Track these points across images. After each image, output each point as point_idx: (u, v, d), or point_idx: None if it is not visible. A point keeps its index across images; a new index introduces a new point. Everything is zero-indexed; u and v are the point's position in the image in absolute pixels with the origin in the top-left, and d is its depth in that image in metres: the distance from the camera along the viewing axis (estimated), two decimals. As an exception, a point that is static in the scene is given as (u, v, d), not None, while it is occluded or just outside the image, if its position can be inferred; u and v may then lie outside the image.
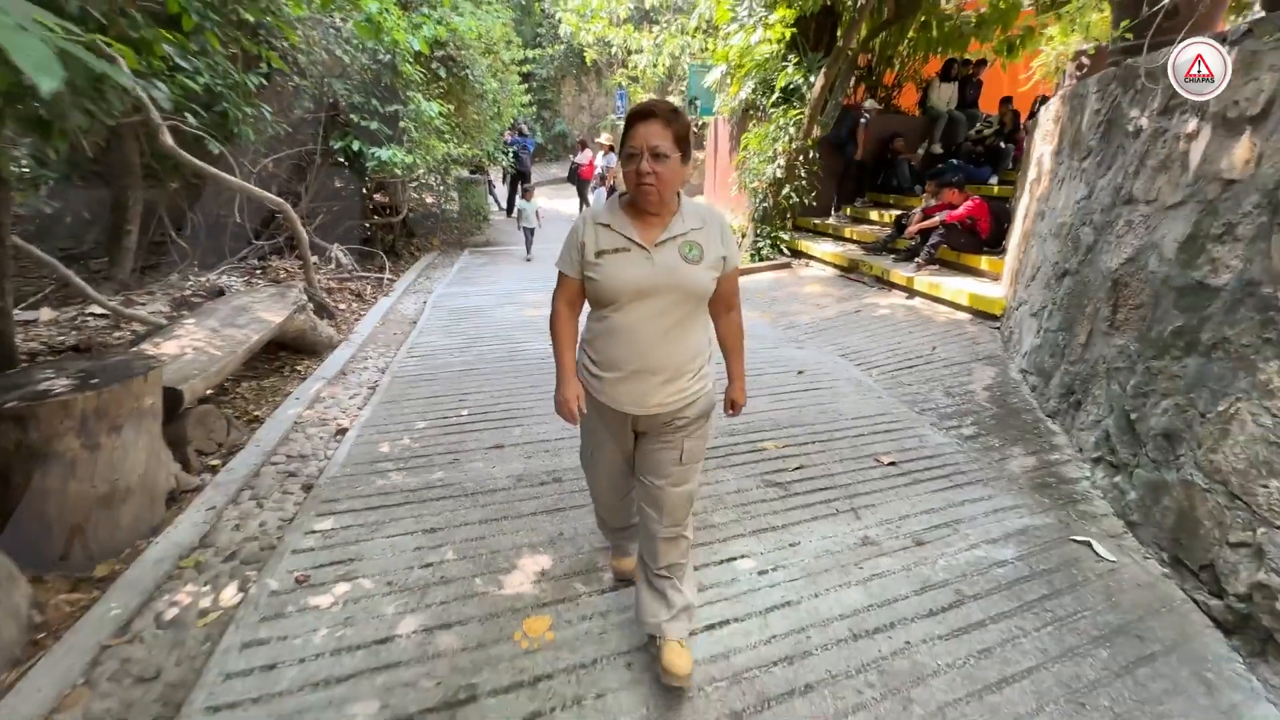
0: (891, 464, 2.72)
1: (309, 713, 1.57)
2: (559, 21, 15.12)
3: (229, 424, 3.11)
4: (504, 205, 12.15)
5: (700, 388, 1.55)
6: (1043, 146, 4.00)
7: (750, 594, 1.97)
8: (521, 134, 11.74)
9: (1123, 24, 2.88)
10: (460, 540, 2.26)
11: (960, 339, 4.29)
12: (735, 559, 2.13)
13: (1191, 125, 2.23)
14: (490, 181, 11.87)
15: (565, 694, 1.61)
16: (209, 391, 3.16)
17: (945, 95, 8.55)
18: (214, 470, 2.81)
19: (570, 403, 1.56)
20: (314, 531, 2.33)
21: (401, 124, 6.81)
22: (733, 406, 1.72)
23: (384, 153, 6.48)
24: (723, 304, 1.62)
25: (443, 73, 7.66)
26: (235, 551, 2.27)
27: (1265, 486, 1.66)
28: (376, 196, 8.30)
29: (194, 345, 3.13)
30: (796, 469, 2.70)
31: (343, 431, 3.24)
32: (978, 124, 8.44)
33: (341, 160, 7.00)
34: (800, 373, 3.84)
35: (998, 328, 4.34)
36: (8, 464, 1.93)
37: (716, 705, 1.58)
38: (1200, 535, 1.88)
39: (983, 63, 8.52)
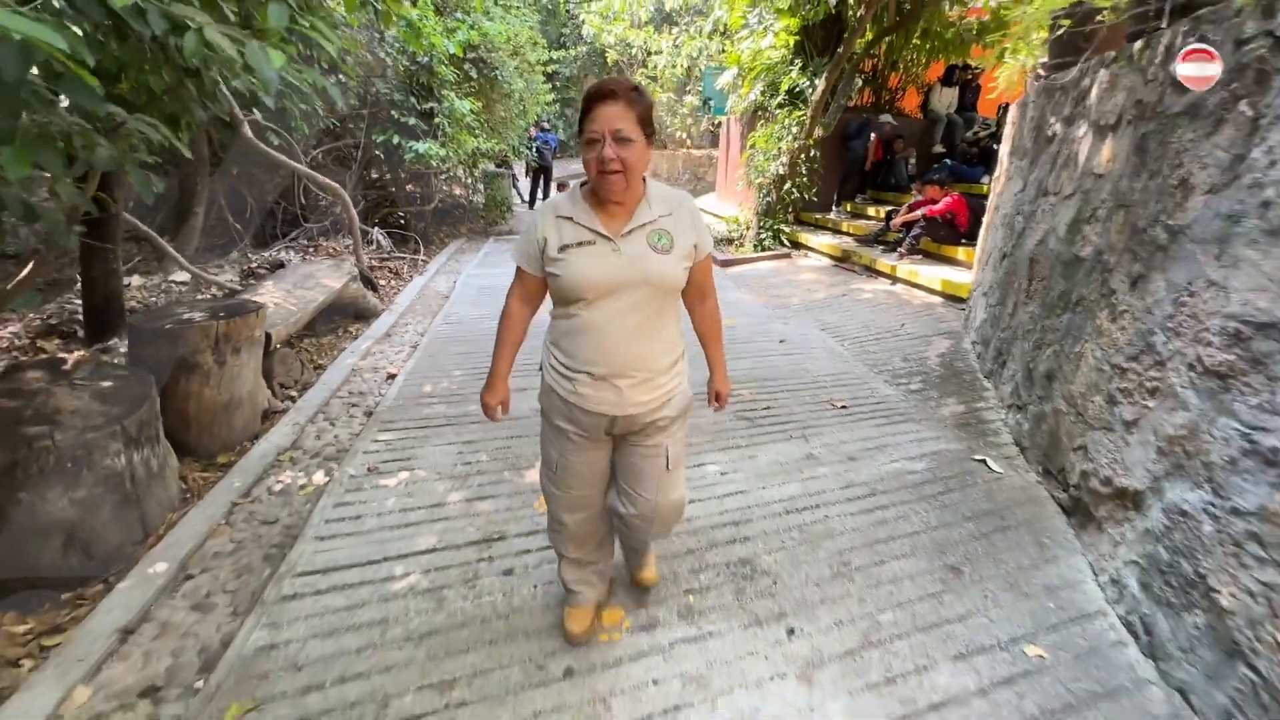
0: (843, 407, 3.30)
1: (388, 542, 2.22)
2: (582, 23, 15.77)
3: (303, 366, 3.79)
4: (526, 198, 12.82)
5: (677, 385, 1.50)
6: (1003, 149, 4.53)
7: (712, 487, 2.57)
8: (544, 130, 12.41)
9: (1044, 45, 3.43)
10: (491, 448, 2.90)
11: (929, 318, 4.84)
12: (704, 465, 2.73)
13: (1081, 131, 2.78)
14: (514, 175, 12.56)
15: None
16: (287, 339, 3.85)
17: (945, 99, 9.01)
18: (293, 399, 3.49)
19: (492, 407, 1.61)
20: (378, 440, 2.99)
21: (436, 120, 7.49)
22: (717, 398, 1.68)
23: (421, 146, 7.17)
24: (696, 293, 1.57)
25: (474, 73, 8.34)
26: (319, 451, 2.93)
27: (1093, 401, 2.22)
28: (409, 187, 9.03)
29: (274, 302, 3.82)
30: (765, 409, 3.29)
31: (392, 376, 3.90)
32: (975, 126, 8.89)
33: (380, 153, 7.72)
34: (782, 341, 4.42)
35: (964, 309, 4.87)
36: (164, 371, 2.60)
37: (678, 544, 2.19)
38: (1060, 448, 2.44)
39: (981, 69, 8.95)
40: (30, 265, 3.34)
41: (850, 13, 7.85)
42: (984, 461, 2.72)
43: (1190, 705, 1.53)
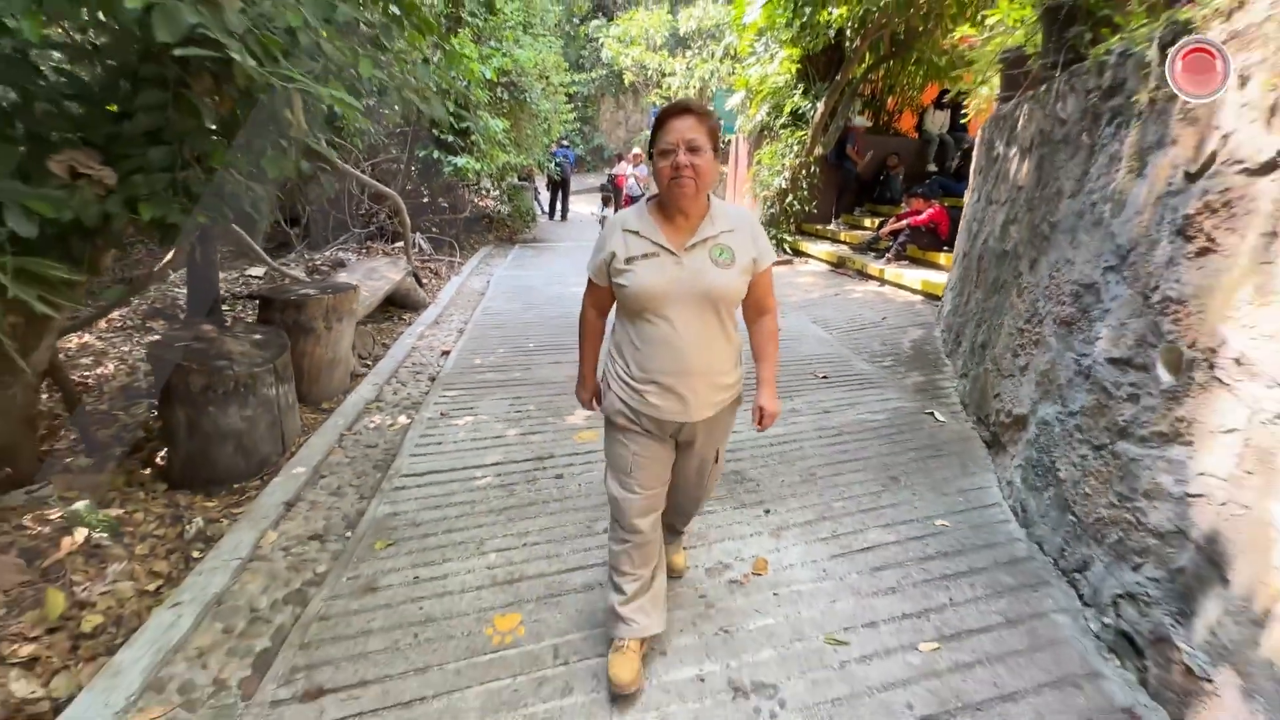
0: (824, 377, 3.98)
1: (465, 457, 2.93)
2: (601, 46, 16.73)
3: (374, 341, 4.55)
4: (545, 209, 13.66)
5: (737, 387, 1.59)
6: (972, 166, 5.23)
7: (714, 428, 3.26)
8: (562, 147, 13.29)
9: (997, 79, 4.14)
10: (536, 402, 3.61)
11: (908, 313, 5.51)
12: (707, 414, 3.42)
13: (1012, 153, 3.48)
14: (535, 188, 13.42)
15: (601, 448, 2.93)
16: (363, 318, 4.61)
17: (938, 120, 9.73)
18: (368, 367, 4.24)
19: (586, 400, 1.74)
20: (444, 396, 3.71)
21: (472, 137, 8.32)
22: (761, 415, 1.65)
23: (459, 160, 8.00)
24: (755, 307, 1.60)
25: (505, 95, 9.20)
26: (398, 403, 3.67)
27: (1005, 358, 2.89)
28: (440, 199, 9.88)
29: (351, 288, 4.58)
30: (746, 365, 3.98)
31: (446, 353, 4.64)
32: (965, 145, 9.59)
33: (414, 167, 8.57)
34: (779, 329, 5.11)
35: (938, 304, 5.54)
36: (289, 333, 3.35)
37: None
38: (987, 398, 3.11)
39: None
40: (163, 261, 4.14)
41: (848, 42, 8.62)
42: (932, 414, 3.40)
43: (1041, 549, 2.19)
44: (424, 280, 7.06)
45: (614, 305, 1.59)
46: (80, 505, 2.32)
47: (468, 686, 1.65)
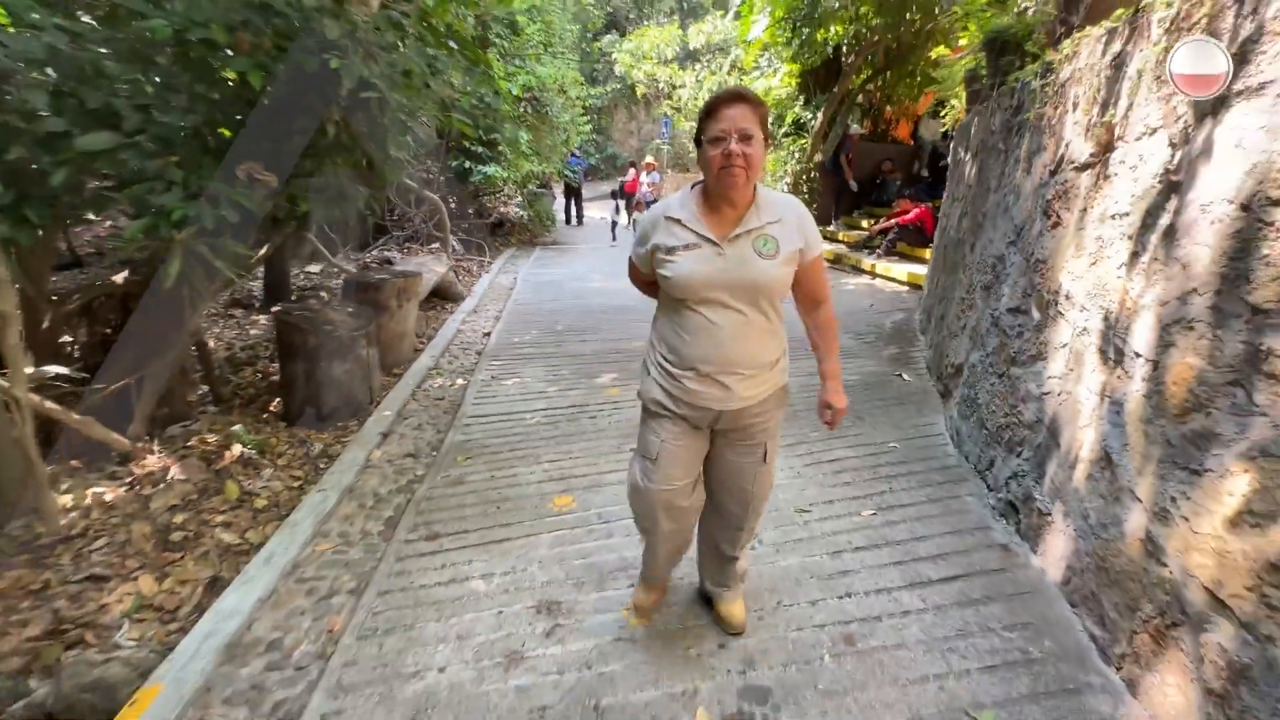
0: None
1: (516, 404, 3.65)
2: (615, 60, 17.58)
3: (426, 322, 5.30)
4: (564, 215, 14.46)
5: (779, 380, 1.54)
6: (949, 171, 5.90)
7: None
8: (575, 156, 14.10)
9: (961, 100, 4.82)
10: (569, 369, 4.33)
11: (893, 300, 6.18)
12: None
13: (967, 157, 4.16)
14: (553, 195, 14.22)
15: (626, 400, 3.64)
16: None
17: (933, 128, 10.36)
18: (424, 344, 4.99)
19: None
20: (491, 364, 4.44)
21: (500, 148, 9.12)
22: (832, 412, 1.63)
23: (488, 169, 8.79)
24: (808, 297, 1.55)
25: (529, 109, 10.00)
26: (454, 370, 4.40)
27: (954, 324, 3.56)
28: (468, 206, 10.69)
29: (406, 278, 5.34)
30: (757, 351, 4.67)
31: (487, 334, 5.38)
32: (958, 151, 10.24)
33: (450, 175, 9.37)
34: (776, 315, 5.80)
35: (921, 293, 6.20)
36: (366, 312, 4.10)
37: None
38: (942, 360, 3.77)
39: (962, 102, 10.32)
40: (259, 254, 4.91)
41: (844, 57, 9.33)
42: (900, 375, 4.07)
43: (967, 459, 2.85)
44: (459, 277, 7.83)
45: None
46: (237, 428, 3.08)
47: (539, 534, 2.36)
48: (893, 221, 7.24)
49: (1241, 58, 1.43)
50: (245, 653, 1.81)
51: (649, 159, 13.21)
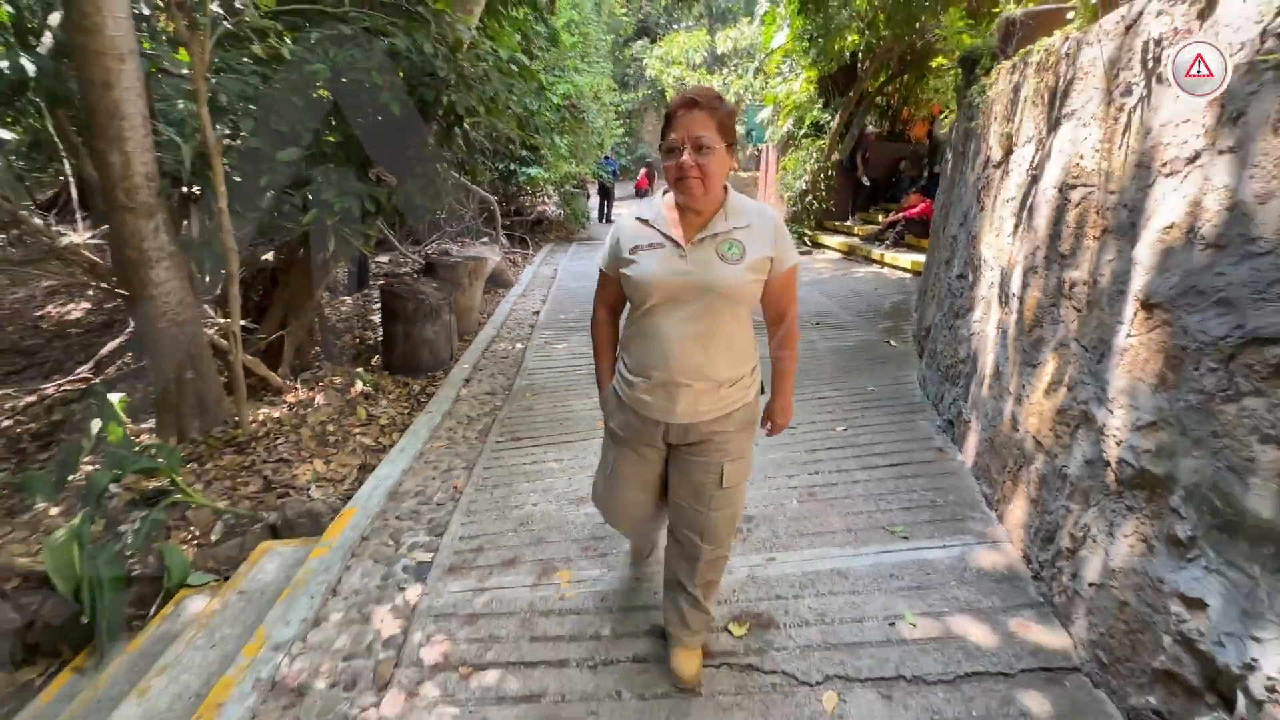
0: (817, 324, 5.41)
1: (566, 363, 4.51)
2: (645, 66, 18.42)
3: (485, 303, 6.22)
4: (598, 214, 15.37)
5: (741, 397, 1.46)
6: (946, 166, 6.56)
7: (732, 349, 4.77)
8: (607, 158, 14.99)
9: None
10: (609, 336, 5.18)
11: (896, 285, 6.87)
12: (728, 343, 4.94)
13: (950, 157, 4.86)
14: (587, 194, 15.14)
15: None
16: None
17: (948, 128, 10.95)
18: (485, 319, 5.90)
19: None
20: (543, 334, 5.33)
21: (542, 151, 10.05)
22: (770, 424, 1.63)
23: (531, 170, 9.72)
24: (773, 311, 1.50)
25: (568, 115, 10.91)
26: (512, 338, 5.30)
27: (929, 292, 4.29)
28: (511, 204, 11.67)
29: (469, 265, 6.28)
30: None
31: (536, 312, 6.27)
32: (971, 150, 10.76)
33: (496, 177, 10.34)
34: (789, 298, 6.56)
35: (923, 280, 6.86)
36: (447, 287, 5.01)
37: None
38: (921, 325, 4.49)
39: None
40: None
41: (860, 63, 9.98)
42: (888, 341, 4.80)
43: (928, 397, 3.59)
44: (507, 267, 8.78)
45: (625, 304, 1.55)
46: (359, 371, 4.02)
47: (592, 439, 3.20)
48: (900, 215, 7.90)
49: (1063, 94, 2.18)
50: (401, 497, 2.70)
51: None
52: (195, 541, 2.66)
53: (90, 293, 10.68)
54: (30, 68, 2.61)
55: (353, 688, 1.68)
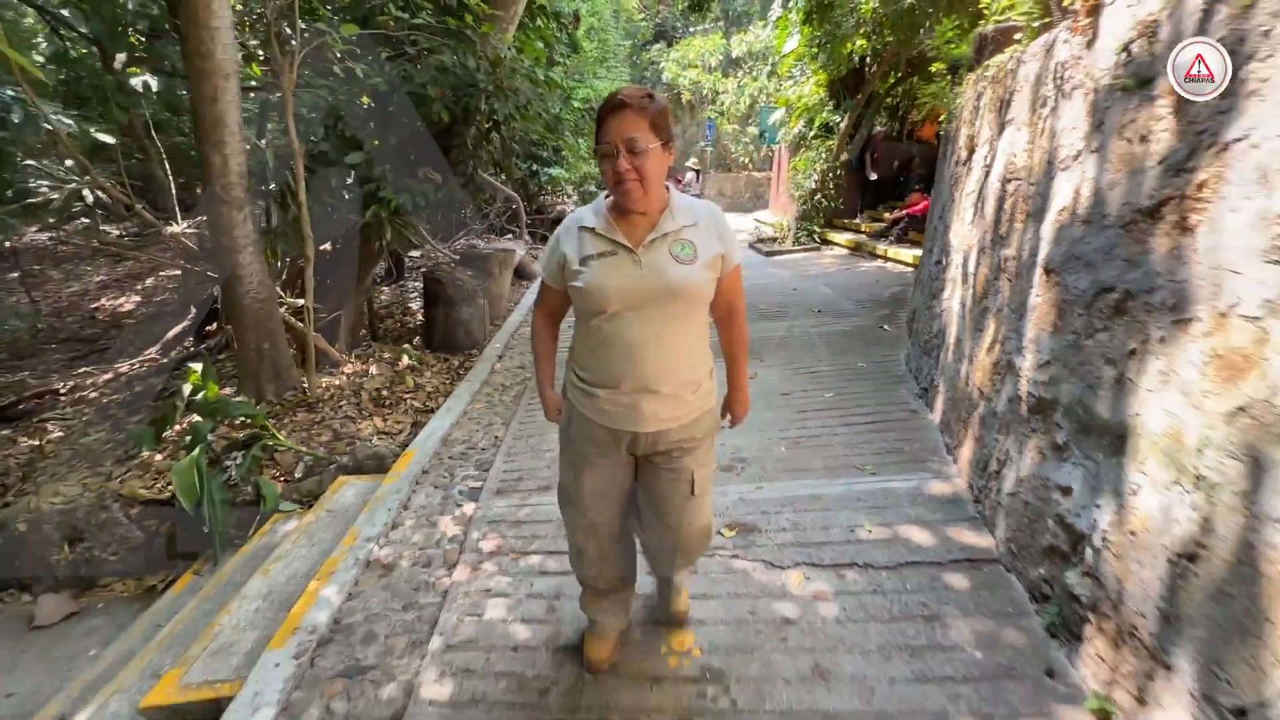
0: (819, 312, 5.84)
1: (588, 342, 5.01)
2: (662, 69, 18.90)
3: (512, 293, 6.76)
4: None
5: (704, 404, 1.47)
6: (945, 166, 6.95)
7: (738, 333, 5.23)
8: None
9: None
10: (626, 321, 5.67)
11: (898, 278, 7.26)
12: (735, 327, 5.40)
13: (936, 155, 5.26)
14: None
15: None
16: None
17: (955, 128, 11.27)
18: (513, 305, 6.43)
19: (553, 413, 1.59)
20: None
21: (563, 153, 10.58)
22: (731, 416, 1.66)
23: (554, 170, 10.25)
24: (724, 309, 1.51)
25: (586, 119, 11.43)
26: (538, 323, 5.81)
27: (919, 281, 4.70)
28: (531, 204, 12.22)
29: (497, 257, 6.81)
30: (776, 312, 5.88)
31: (559, 302, 6.78)
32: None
33: (519, 176, 10.90)
34: (794, 289, 6.98)
35: (923, 273, 7.25)
36: (481, 276, 5.54)
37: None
38: (911, 310, 4.91)
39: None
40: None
41: (868, 67, 10.35)
42: (883, 326, 5.22)
43: (910, 371, 4.02)
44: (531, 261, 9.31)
45: (566, 312, 1.52)
46: (406, 347, 4.55)
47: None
48: (903, 213, 8.28)
49: (1008, 103, 2.62)
50: (451, 444, 3.21)
51: (692, 160, 14.48)
52: (282, 478, 3.20)
53: (139, 287, 11.47)
54: (154, 83, 3.17)
55: (428, 566, 2.19)
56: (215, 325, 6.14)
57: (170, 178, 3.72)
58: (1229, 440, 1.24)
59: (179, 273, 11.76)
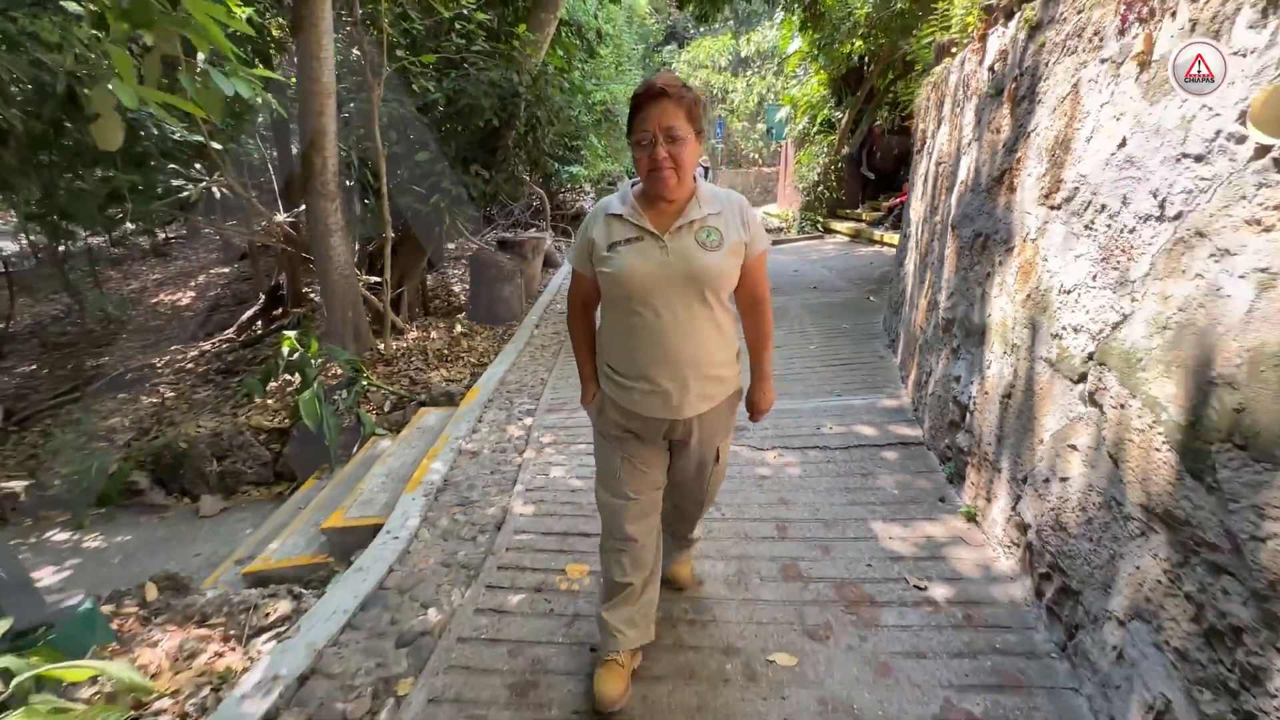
0: (815, 288, 6.58)
1: (611, 314, 5.82)
2: (674, 71, 19.65)
3: (541, 278, 7.59)
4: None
5: (733, 385, 1.51)
6: (932, 156, 7.64)
7: (741, 305, 6.00)
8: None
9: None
10: (643, 298, 6.47)
11: (889, 260, 7.94)
12: (739, 301, 6.17)
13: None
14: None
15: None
16: (533, 264, 7.67)
17: (952, 121, 11.88)
18: (542, 288, 7.25)
19: (589, 398, 1.58)
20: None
21: (583, 151, 11.38)
22: (754, 410, 1.64)
23: (574, 169, 11.06)
24: (748, 296, 1.52)
25: (603, 120, 12.23)
26: (565, 301, 6.63)
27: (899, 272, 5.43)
28: (552, 200, 13.05)
29: (527, 246, 7.64)
30: (774, 290, 6.62)
31: (583, 285, 7.60)
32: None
33: (540, 175, 11.73)
34: (795, 271, 7.72)
35: (914, 255, 7.94)
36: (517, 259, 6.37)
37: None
38: (891, 285, 5.63)
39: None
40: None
41: (867, 65, 11.02)
42: (869, 297, 5.95)
43: (886, 332, 4.76)
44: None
45: (600, 298, 1.51)
46: (460, 317, 5.39)
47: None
48: (898, 201, 8.96)
49: (940, 104, 3.35)
50: (508, 384, 4.03)
51: (703, 158, 15.23)
52: (374, 411, 4.04)
53: (192, 284, 12.52)
54: (273, 100, 4.04)
55: (504, 452, 3.00)
56: (281, 310, 7.06)
57: (275, 177, 4.56)
58: (1024, 317, 1.99)
59: (227, 270, 12.83)
